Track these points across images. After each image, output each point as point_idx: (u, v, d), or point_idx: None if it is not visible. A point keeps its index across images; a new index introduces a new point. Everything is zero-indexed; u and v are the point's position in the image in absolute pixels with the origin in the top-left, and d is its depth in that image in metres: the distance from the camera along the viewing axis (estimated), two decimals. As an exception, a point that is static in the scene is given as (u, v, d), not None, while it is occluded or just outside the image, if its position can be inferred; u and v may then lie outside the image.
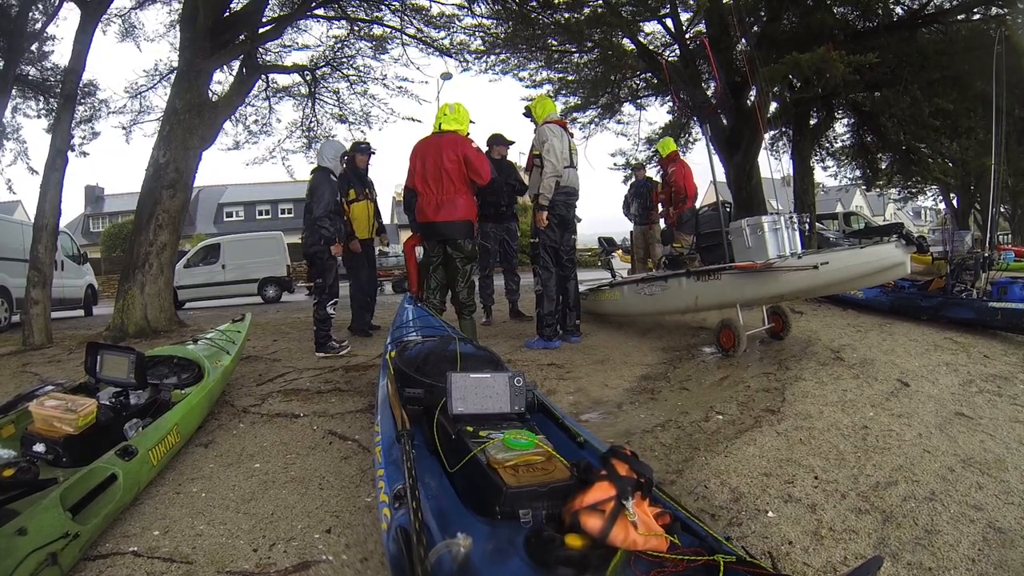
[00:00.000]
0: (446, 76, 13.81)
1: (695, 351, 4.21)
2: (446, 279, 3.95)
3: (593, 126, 10.49)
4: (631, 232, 7.70)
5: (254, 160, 18.60)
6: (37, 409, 2.07)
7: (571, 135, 4.68)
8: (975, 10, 7.54)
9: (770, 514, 1.84)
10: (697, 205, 6.34)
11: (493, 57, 8.88)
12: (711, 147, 8.44)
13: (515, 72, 9.23)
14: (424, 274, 4.12)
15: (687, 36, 8.37)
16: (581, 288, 6.01)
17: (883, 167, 11.22)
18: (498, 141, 5.46)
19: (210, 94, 6.83)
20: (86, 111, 9.23)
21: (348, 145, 5.23)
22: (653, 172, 8.12)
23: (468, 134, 3.98)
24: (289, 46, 8.95)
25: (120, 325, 5.65)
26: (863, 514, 1.84)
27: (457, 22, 8.34)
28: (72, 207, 37.00)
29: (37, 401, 2.12)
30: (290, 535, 1.81)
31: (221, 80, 8.27)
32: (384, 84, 9.35)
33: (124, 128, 9.21)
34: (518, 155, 5.60)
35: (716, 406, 2.89)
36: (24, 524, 1.43)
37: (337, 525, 1.87)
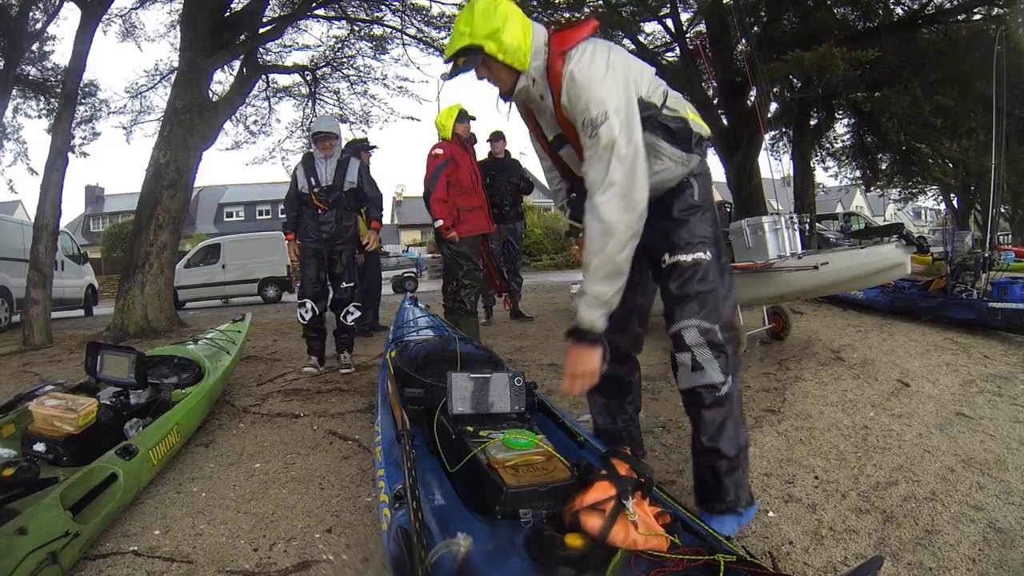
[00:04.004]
0: (446, 76, 13.80)
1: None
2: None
3: (593, 126, 10.48)
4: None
5: (254, 160, 18.68)
6: (37, 408, 2.07)
7: None
8: (975, 10, 7.54)
9: (770, 514, 1.84)
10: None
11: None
12: (713, 148, 8.46)
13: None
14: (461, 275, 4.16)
15: (687, 36, 8.37)
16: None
17: (883, 167, 11.23)
18: (498, 137, 5.45)
19: (210, 94, 6.84)
20: (86, 111, 9.26)
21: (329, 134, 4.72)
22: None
23: (447, 138, 4.15)
24: (289, 46, 8.97)
25: (120, 325, 5.65)
26: (863, 514, 1.84)
27: (458, 22, 8.34)
28: (72, 207, 37.15)
29: (37, 400, 2.12)
30: (290, 535, 1.81)
31: (221, 80, 8.29)
32: (384, 84, 9.39)
33: (124, 128, 9.25)
34: (519, 154, 5.53)
35: (716, 406, 2.88)
36: (24, 523, 1.43)
37: (338, 525, 1.87)
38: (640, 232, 1.48)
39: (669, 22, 8.17)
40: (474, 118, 4.26)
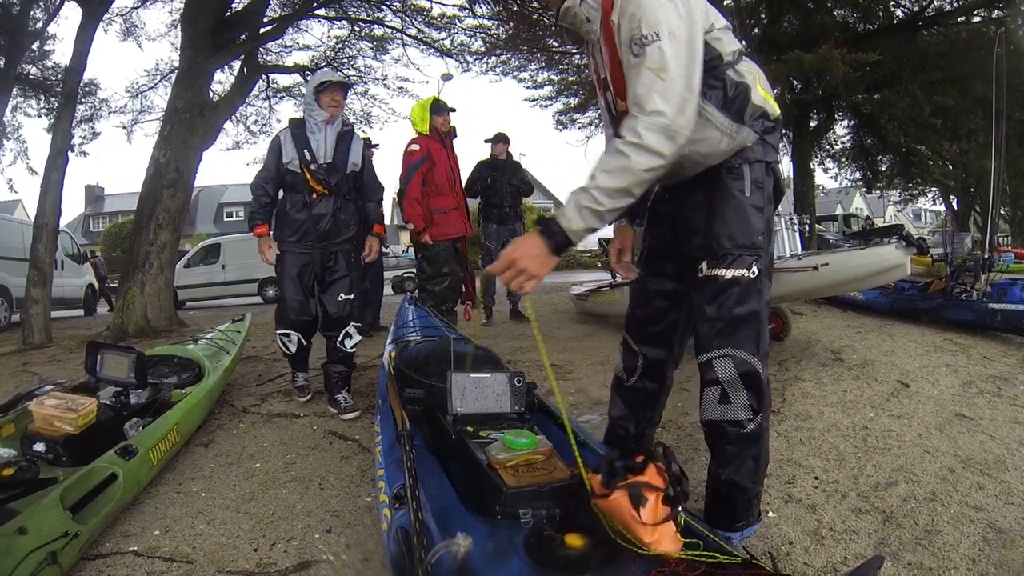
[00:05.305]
0: (447, 77, 13.80)
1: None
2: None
3: (593, 127, 10.51)
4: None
5: (255, 160, 18.61)
6: (37, 408, 2.07)
7: None
8: (975, 12, 7.56)
9: (770, 514, 1.84)
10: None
11: (494, 58, 8.91)
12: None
13: (515, 73, 9.24)
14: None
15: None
16: (580, 290, 6.00)
17: (883, 169, 11.24)
18: (500, 140, 5.46)
19: (211, 94, 6.84)
20: (87, 110, 9.28)
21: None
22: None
23: (424, 133, 3.99)
24: (290, 46, 8.98)
25: (120, 325, 5.65)
26: (863, 514, 1.84)
27: (458, 23, 8.38)
28: (72, 207, 37.18)
29: (37, 400, 2.12)
30: (290, 535, 1.81)
31: (222, 80, 8.30)
32: (385, 84, 9.45)
33: (125, 128, 9.26)
34: (519, 155, 5.54)
35: (716, 407, 2.88)
36: (24, 523, 1.43)
37: (337, 525, 1.87)
38: (673, 162, 1.24)
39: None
40: (453, 109, 4.04)
